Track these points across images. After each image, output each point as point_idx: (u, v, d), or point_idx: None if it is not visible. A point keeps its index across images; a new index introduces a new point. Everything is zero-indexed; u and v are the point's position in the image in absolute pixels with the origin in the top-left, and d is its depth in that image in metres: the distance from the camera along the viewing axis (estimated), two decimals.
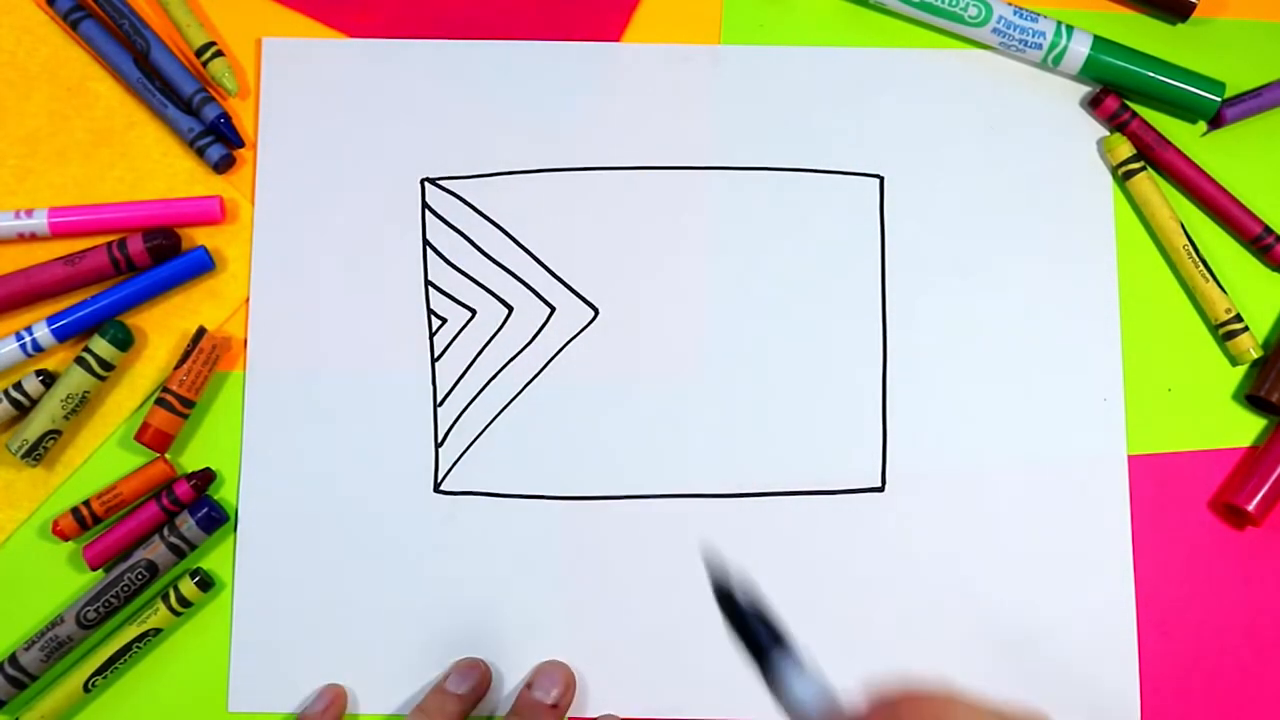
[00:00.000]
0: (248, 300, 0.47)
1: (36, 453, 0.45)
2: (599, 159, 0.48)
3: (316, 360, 0.47)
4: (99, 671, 0.44)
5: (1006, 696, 0.45)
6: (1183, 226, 0.47)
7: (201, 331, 0.46)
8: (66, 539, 0.45)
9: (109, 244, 0.46)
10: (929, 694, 0.32)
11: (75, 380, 0.45)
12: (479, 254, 0.48)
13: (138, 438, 0.45)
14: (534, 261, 0.48)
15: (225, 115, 0.47)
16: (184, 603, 0.45)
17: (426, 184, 0.48)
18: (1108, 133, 0.49)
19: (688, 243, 0.48)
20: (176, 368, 0.45)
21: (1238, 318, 0.47)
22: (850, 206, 0.48)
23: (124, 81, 0.48)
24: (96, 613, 0.44)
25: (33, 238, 0.47)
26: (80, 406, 0.45)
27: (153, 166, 0.48)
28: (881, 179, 0.48)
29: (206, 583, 0.45)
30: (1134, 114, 0.48)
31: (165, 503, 0.45)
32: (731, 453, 0.46)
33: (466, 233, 0.48)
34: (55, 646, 0.44)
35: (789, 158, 0.48)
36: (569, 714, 0.45)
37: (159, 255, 0.46)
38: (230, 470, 0.46)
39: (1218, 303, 0.47)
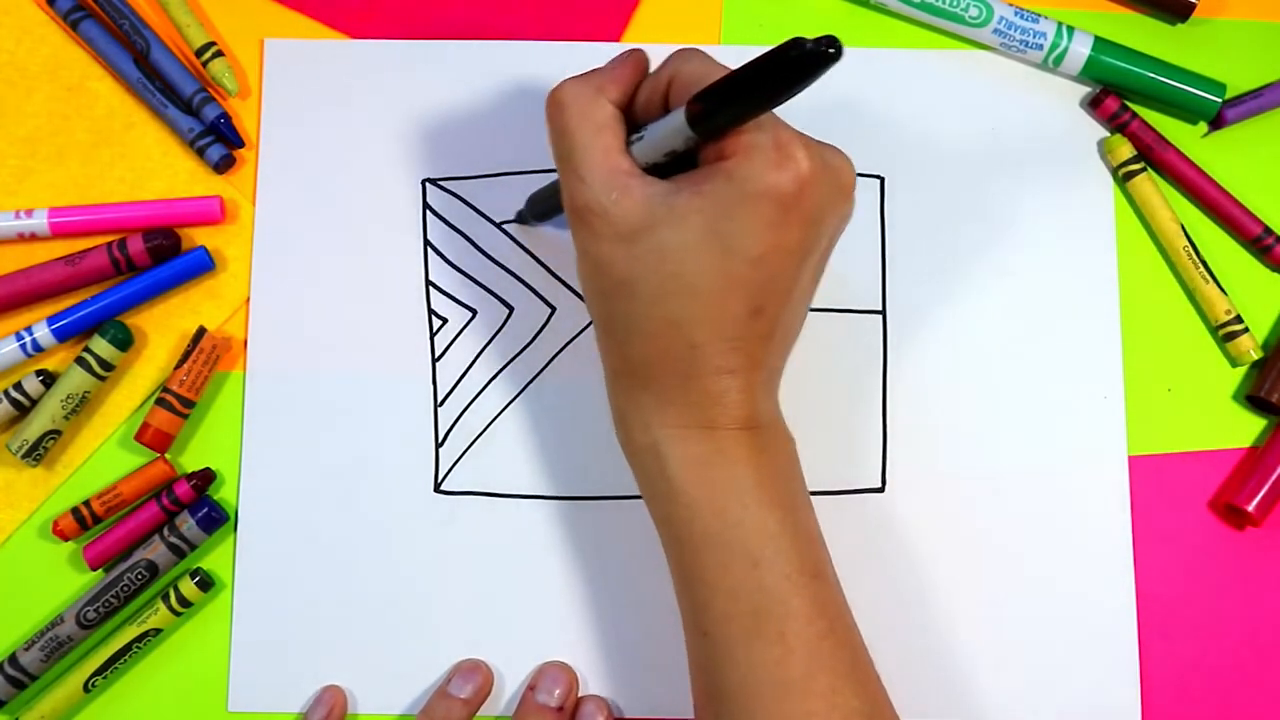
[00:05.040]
0: (248, 300, 0.47)
1: (36, 453, 0.45)
2: None
3: (316, 360, 0.47)
4: (99, 671, 0.44)
5: (1006, 695, 0.45)
6: (1183, 228, 0.47)
7: (201, 331, 0.46)
8: (66, 539, 0.45)
9: (109, 244, 0.46)
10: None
11: (75, 380, 0.45)
12: (479, 254, 0.48)
13: (138, 438, 0.45)
14: (534, 261, 0.48)
15: (225, 115, 0.47)
16: (184, 603, 0.45)
17: (427, 184, 0.48)
18: (1108, 133, 0.49)
19: None
20: (176, 368, 0.45)
21: (1238, 319, 0.47)
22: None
23: (124, 81, 0.48)
24: (96, 613, 0.44)
25: (33, 238, 0.47)
26: (80, 406, 0.45)
27: (153, 166, 0.48)
28: (881, 179, 0.48)
29: (206, 583, 0.45)
30: (1134, 115, 0.48)
31: (165, 503, 0.45)
32: None
33: (467, 233, 0.48)
34: (55, 646, 0.44)
35: None
36: None
37: (159, 255, 0.46)
38: (230, 470, 0.46)
39: (1218, 304, 0.47)
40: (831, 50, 0.30)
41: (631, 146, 0.37)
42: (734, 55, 0.49)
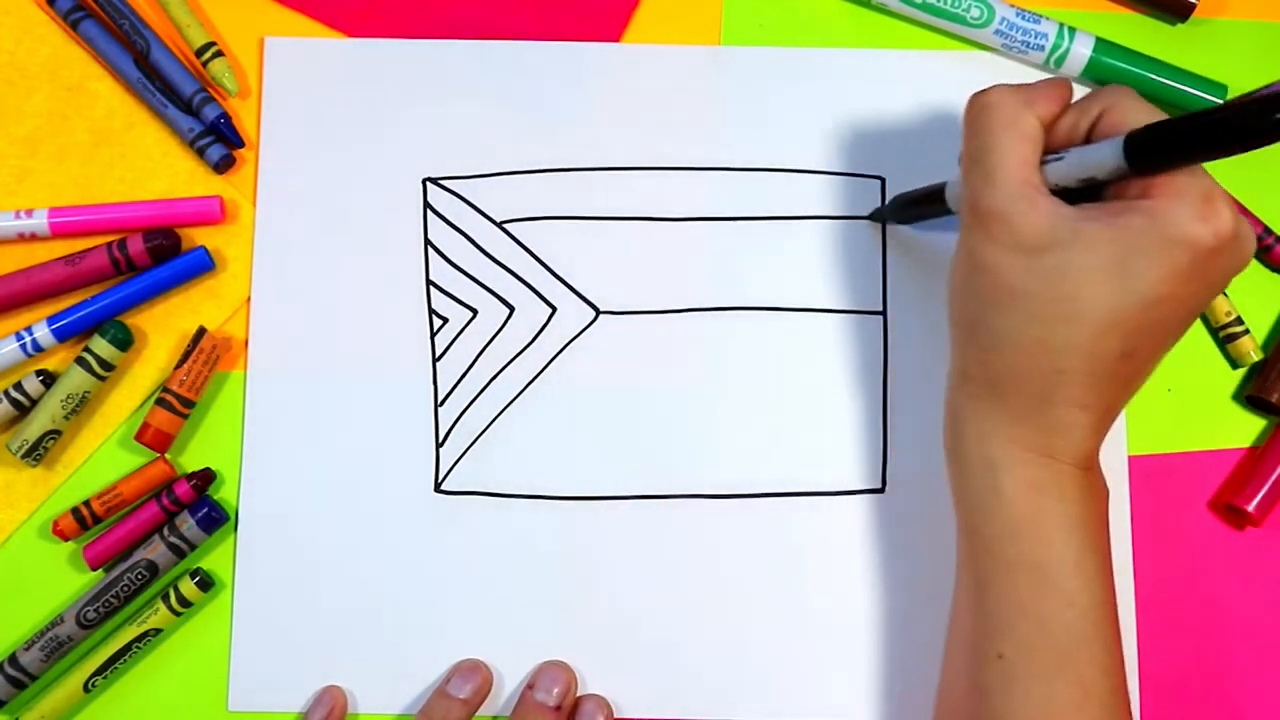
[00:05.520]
0: (248, 300, 0.47)
1: (36, 453, 0.45)
2: (599, 159, 0.48)
3: (317, 360, 0.47)
4: (99, 671, 0.44)
5: None
6: None
7: (201, 331, 0.46)
8: (66, 539, 0.45)
9: (109, 244, 0.46)
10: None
11: (75, 380, 0.45)
12: (480, 254, 0.48)
13: (138, 438, 0.45)
14: (535, 261, 0.48)
15: (225, 115, 0.47)
16: (184, 603, 0.45)
17: (428, 183, 0.48)
18: None
19: (688, 243, 0.48)
20: (176, 368, 0.45)
21: (1238, 320, 0.47)
22: (851, 207, 0.48)
23: (124, 81, 0.48)
24: (96, 613, 0.44)
25: (33, 238, 0.47)
26: (80, 406, 0.45)
27: (153, 166, 0.48)
28: (883, 180, 0.48)
29: (206, 583, 0.45)
30: None
31: (165, 503, 0.45)
32: (732, 453, 0.46)
33: (468, 233, 0.48)
34: (55, 646, 0.44)
35: (789, 158, 0.48)
36: None
37: (159, 255, 0.46)
38: (230, 470, 0.46)
39: (1218, 305, 0.47)
40: None
41: (1045, 166, 0.37)
42: (734, 56, 0.49)
